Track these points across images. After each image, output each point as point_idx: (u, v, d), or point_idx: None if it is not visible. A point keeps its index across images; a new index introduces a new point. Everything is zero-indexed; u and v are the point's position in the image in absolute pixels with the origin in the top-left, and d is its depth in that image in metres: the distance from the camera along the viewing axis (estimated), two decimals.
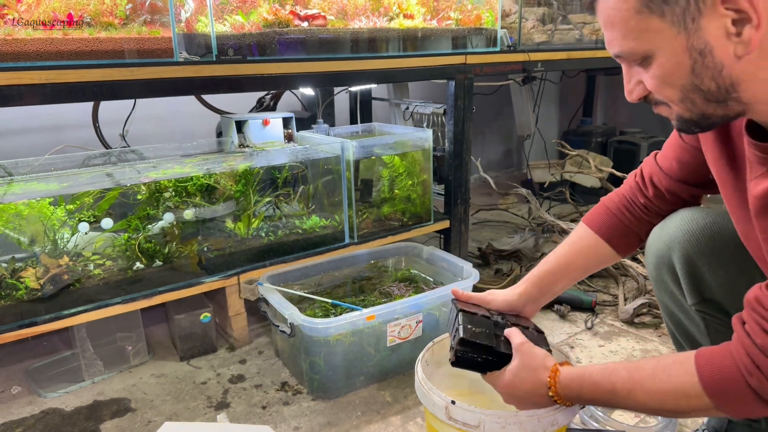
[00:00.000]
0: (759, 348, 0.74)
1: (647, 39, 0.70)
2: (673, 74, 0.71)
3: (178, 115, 2.53)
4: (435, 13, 2.01)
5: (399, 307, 1.56)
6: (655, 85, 0.74)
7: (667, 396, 0.81)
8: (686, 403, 0.79)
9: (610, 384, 0.86)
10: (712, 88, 0.70)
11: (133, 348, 1.71)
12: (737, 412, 0.78)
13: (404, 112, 2.62)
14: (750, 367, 0.74)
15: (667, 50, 0.69)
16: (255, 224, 1.92)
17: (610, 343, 1.79)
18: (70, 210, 1.60)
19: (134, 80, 1.43)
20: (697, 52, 0.68)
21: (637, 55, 0.73)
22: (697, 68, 0.69)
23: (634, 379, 0.84)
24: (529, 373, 0.95)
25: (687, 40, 0.68)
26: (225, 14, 1.63)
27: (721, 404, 0.77)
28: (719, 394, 0.77)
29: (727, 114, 0.74)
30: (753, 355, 0.74)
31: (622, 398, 0.85)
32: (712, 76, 0.69)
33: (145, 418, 1.48)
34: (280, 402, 1.54)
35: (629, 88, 0.78)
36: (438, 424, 1.07)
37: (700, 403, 0.78)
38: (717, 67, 0.68)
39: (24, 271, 1.55)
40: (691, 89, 0.71)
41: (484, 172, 2.74)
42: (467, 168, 2.15)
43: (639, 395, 0.83)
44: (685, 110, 0.74)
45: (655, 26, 0.69)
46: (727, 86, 0.70)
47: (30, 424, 1.46)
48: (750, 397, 0.75)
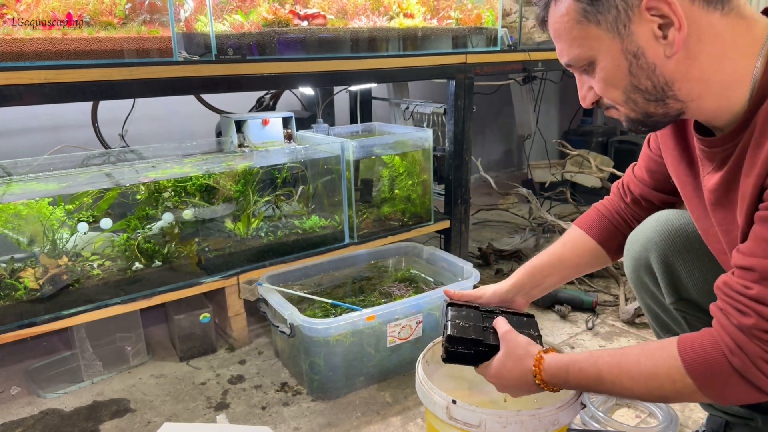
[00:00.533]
0: (738, 328, 0.74)
1: (588, 46, 0.77)
2: (614, 76, 0.78)
3: (178, 115, 2.52)
4: (435, 12, 2.01)
5: (399, 307, 1.55)
6: (601, 88, 0.81)
7: (651, 380, 0.80)
8: (670, 386, 0.79)
9: (596, 370, 0.86)
10: (649, 87, 0.77)
11: (132, 348, 1.71)
12: (719, 393, 0.77)
13: (404, 111, 2.62)
14: (732, 346, 0.74)
15: (606, 54, 0.77)
16: (254, 224, 1.92)
17: (611, 344, 1.78)
18: (69, 210, 1.60)
19: (133, 80, 1.43)
20: (632, 54, 0.75)
21: (583, 61, 0.80)
22: (633, 69, 0.76)
23: (620, 366, 0.84)
24: (514, 362, 0.96)
25: (622, 44, 0.75)
26: (224, 13, 1.63)
27: (703, 386, 0.77)
28: (702, 375, 0.76)
29: (668, 112, 0.80)
30: (733, 335, 0.74)
31: (608, 384, 0.85)
32: (647, 75, 0.76)
33: (145, 418, 1.48)
34: (280, 403, 1.53)
35: (582, 94, 0.85)
36: (439, 423, 1.06)
37: (684, 385, 0.77)
38: (650, 67, 0.75)
39: (23, 272, 1.55)
40: (632, 89, 0.78)
41: (485, 171, 2.73)
42: (467, 168, 2.15)
43: (625, 381, 0.83)
44: (629, 110, 0.81)
45: (593, 34, 0.76)
46: (662, 85, 0.76)
47: (29, 425, 1.45)
48: (733, 378, 0.75)
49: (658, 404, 1.42)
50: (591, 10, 0.75)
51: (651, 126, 0.83)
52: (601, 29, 0.75)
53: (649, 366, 0.81)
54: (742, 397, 0.76)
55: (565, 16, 0.78)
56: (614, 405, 1.47)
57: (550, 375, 0.92)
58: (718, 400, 0.78)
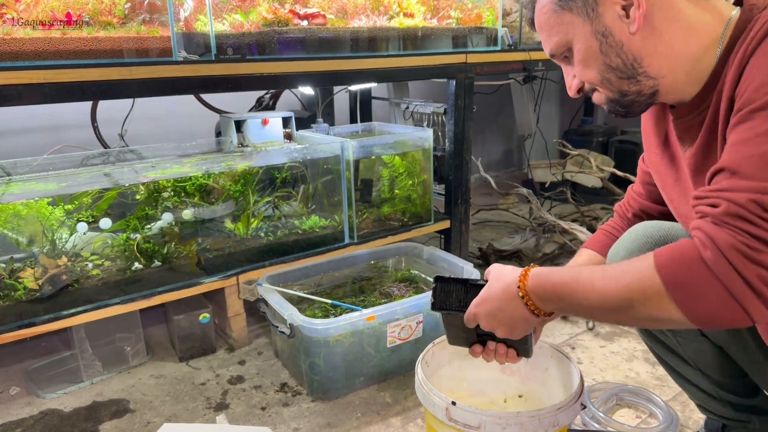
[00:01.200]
0: (709, 220, 0.70)
1: (564, 32, 0.86)
2: (588, 56, 0.85)
3: (177, 115, 2.52)
4: (435, 11, 2.01)
5: (399, 307, 1.55)
6: (579, 71, 0.88)
7: (621, 277, 0.75)
8: (638, 283, 0.72)
9: (576, 273, 0.82)
10: (619, 65, 0.83)
11: (132, 349, 1.71)
12: (687, 299, 0.69)
13: (404, 111, 2.61)
14: (703, 239, 0.69)
15: (580, 37, 0.85)
16: (254, 224, 1.92)
17: (611, 344, 1.78)
18: (68, 210, 1.60)
19: (133, 80, 1.42)
20: (601, 34, 0.83)
21: (562, 48, 0.88)
22: (604, 48, 0.83)
23: (598, 269, 0.80)
24: (499, 282, 0.90)
25: (591, 26, 0.83)
26: (224, 13, 1.63)
27: (671, 286, 0.70)
28: (670, 273, 0.70)
29: (641, 90, 0.85)
30: (704, 227, 0.70)
31: (582, 288, 0.79)
32: (616, 53, 0.83)
33: (144, 419, 1.47)
34: (280, 403, 1.53)
35: (568, 83, 0.92)
36: (438, 425, 1.06)
37: (652, 283, 0.71)
38: (618, 44, 0.82)
39: (22, 272, 1.55)
40: (605, 68, 0.85)
41: (485, 171, 2.73)
42: (468, 168, 2.14)
43: (597, 280, 0.77)
44: (607, 90, 0.87)
45: (567, 20, 0.85)
46: (632, 61, 0.83)
47: (29, 425, 1.45)
48: (703, 276, 0.68)
49: (659, 405, 1.42)
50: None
51: (628, 106, 0.87)
52: (574, 14, 0.84)
53: (624, 265, 0.77)
54: (712, 305, 0.68)
55: (544, 8, 0.87)
56: (614, 405, 1.47)
57: (533, 282, 0.86)
58: (686, 308, 0.70)
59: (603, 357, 1.71)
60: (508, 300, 0.88)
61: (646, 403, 1.45)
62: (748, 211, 0.66)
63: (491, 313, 0.91)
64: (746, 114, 0.70)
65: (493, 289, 0.91)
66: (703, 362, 1.09)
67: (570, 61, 0.89)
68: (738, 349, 1.01)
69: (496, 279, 0.91)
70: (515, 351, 1.02)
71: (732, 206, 0.68)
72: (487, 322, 0.92)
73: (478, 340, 1.04)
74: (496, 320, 0.91)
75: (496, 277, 0.92)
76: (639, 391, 1.48)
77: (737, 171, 0.69)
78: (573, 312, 0.84)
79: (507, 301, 0.88)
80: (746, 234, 0.66)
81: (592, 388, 1.52)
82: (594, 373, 1.63)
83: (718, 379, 1.10)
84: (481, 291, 0.93)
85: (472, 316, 0.94)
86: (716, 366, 1.08)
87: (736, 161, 0.70)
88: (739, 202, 0.67)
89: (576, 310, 0.82)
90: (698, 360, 1.10)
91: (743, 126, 0.70)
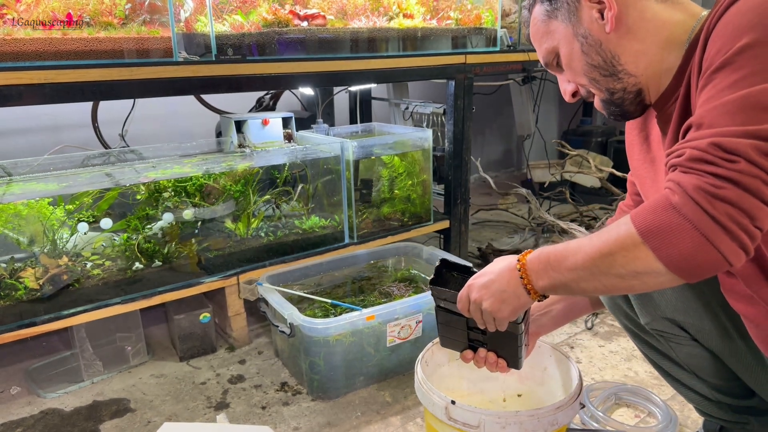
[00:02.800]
0: (680, 168, 0.72)
1: (552, 38, 0.93)
2: (572, 59, 0.91)
3: (178, 115, 2.53)
4: (435, 12, 2.01)
5: (399, 307, 1.55)
6: (569, 74, 0.94)
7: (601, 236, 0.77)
8: (615, 237, 0.74)
9: (566, 243, 0.84)
10: (599, 62, 0.89)
11: (132, 348, 1.71)
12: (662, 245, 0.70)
13: (404, 111, 2.62)
14: (672, 186, 0.71)
15: (564, 41, 0.91)
16: (254, 224, 1.92)
17: (610, 344, 1.78)
18: (69, 210, 1.60)
19: (133, 80, 1.43)
20: (581, 35, 0.89)
21: (552, 54, 0.94)
22: (585, 48, 0.89)
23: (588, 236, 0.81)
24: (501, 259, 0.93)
25: (573, 29, 0.90)
26: (224, 14, 1.63)
27: (646, 233, 0.71)
28: (644, 222, 0.72)
29: (626, 87, 0.89)
30: (672, 177, 0.72)
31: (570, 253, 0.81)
32: (596, 51, 0.88)
33: (145, 418, 1.48)
34: (280, 402, 1.54)
35: (563, 89, 0.97)
36: (438, 424, 1.07)
37: (628, 234, 0.73)
38: (597, 43, 0.88)
39: (23, 272, 1.55)
40: (589, 68, 0.90)
41: (484, 171, 2.73)
42: (467, 168, 2.15)
43: (583, 245, 0.79)
44: (598, 91, 0.92)
45: (554, 27, 0.92)
46: (610, 59, 0.88)
47: (29, 425, 1.46)
48: (675, 221, 0.69)
49: (657, 404, 1.42)
50: (550, 8, 0.91)
51: (620, 105, 0.91)
52: (559, 21, 0.91)
53: (606, 228, 0.79)
54: (685, 248, 0.69)
55: (536, 19, 0.95)
56: (613, 405, 1.47)
57: (531, 257, 0.87)
58: (662, 254, 0.71)
59: (602, 356, 1.72)
60: (505, 271, 0.90)
61: (645, 402, 1.46)
62: (708, 153, 0.69)
63: (485, 284, 0.92)
64: (709, 75, 0.73)
65: (491, 265, 0.94)
66: (697, 366, 1.10)
67: (560, 66, 0.95)
68: (729, 353, 1.02)
69: (499, 260, 0.94)
70: (505, 362, 1.04)
71: (694, 152, 0.70)
72: (478, 294, 0.93)
73: (469, 346, 1.05)
74: (488, 291, 0.92)
75: (498, 259, 0.94)
76: (638, 391, 1.48)
77: (701, 123, 0.72)
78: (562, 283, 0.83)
79: (503, 273, 0.90)
80: (709, 175, 0.68)
81: (591, 387, 1.53)
82: (593, 372, 1.63)
83: (713, 382, 1.10)
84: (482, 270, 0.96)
85: (466, 288, 0.95)
86: (711, 369, 1.08)
87: (700, 115, 0.72)
88: (701, 147, 0.70)
89: (565, 278, 0.82)
90: (692, 364, 1.10)
91: (708, 87, 0.73)
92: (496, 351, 1.04)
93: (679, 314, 1.03)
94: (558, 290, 0.86)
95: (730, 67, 0.70)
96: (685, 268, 0.71)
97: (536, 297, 0.88)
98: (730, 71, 0.70)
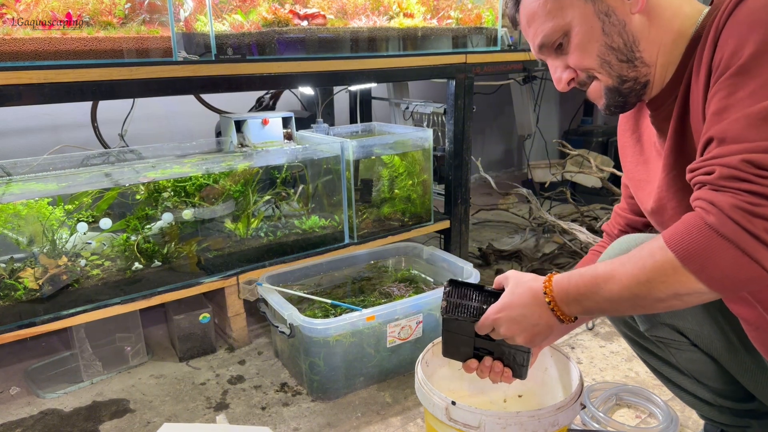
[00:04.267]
0: (707, 187, 0.71)
1: (563, 15, 0.84)
2: (589, 39, 0.84)
3: (177, 115, 2.52)
4: (435, 12, 2.01)
5: (399, 307, 1.55)
6: (576, 57, 0.86)
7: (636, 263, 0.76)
8: (651, 262, 0.74)
9: (593, 270, 0.82)
10: (620, 45, 0.83)
11: (132, 348, 1.71)
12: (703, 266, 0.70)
13: (404, 111, 2.61)
14: (705, 206, 0.70)
15: (581, 19, 0.83)
16: (254, 224, 1.92)
17: (611, 344, 1.78)
18: (68, 210, 1.60)
19: (133, 80, 1.43)
20: (603, 13, 0.83)
21: (557, 33, 0.85)
22: (606, 27, 0.83)
23: (613, 260, 0.80)
24: (523, 288, 0.90)
25: (594, 6, 0.83)
26: (224, 13, 1.63)
27: (684, 256, 0.70)
28: (681, 244, 0.71)
29: (638, 77, 0.85)
30: (704, 195, 0.71)
31: (602, 281, 0.80)
32: (618, 32, 0.83)
33: (144, 419, 1.48)
34: (280, 403, 1.53)
35: (557, 77, 0.90)
36: (438, 425, 1.06)
37: (665, 259, 0.72)
38: (621, 23, 0.83)
39: (22, 272, 1.55)
40: (606, 50, 0.84)
41: (485, 171, 2.73)
42: (467, 168, 2.14)
43: (616, 272, 0.78)
44: (606, 76, 0.86)
45: (567, 2, 0.84)
46: (631, 43, 0.83)
47: (29, 425, 1.45)
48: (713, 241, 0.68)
49: (658, 404, 1.42)
50: None
51: (626, 95, 0.87)
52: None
53: (636, 252, 0.77)
54: (727, 266, 0.69)
55: None
56: (614, 405, 1.47)
57: (557, 288, 0.86)
58: (704, 276, 0.70)
59: (603, 357, 1.71)
60: (535, 306, 0.88)
61: (646, 402, 1.45)
62: (741, 171, 0.68)
63: (514, 319, 0.90)
64: (724, 81, 0.72)
65: (516, 296, 0.90)
66: (698, 371, 1.09)
67: (562, 51, 0.88)
68: (729, 358, 1.01)
69: (518, 286, 0.91)
70: (510, 371, 1.01)
71: (726, 170, 0.69)
72: (509, 329, 0.91)
73: (474, 355, 1.03)
74: (519, 326, 0.90)
75: (517, 284, 0.92)
76: (638, 391, 1.48)
77: (725, 137, 0.70)
78: (597, 309, 0.83)
79: (533, 307, 0.88)
80: (745, 192, 0.67)
81: (592, 387, 1.52)
82: (593, 372, 1.63)
83: (714, 387, 1.10)
84: (502, 297, 0.92)
85: (490, 322, 0.93)
86: (711, 373, 1.08)
87: (722, 128, 0.71)
88: (732, 164, 0.69)
89: (600, 305, 0.81)
90: (693, 369, 1.09)
91: (723, 93, 0.72)
92: (502, 359, 1.01)
93: (679, 320, 1.02)
94: (592, 315, 0.87)
95: (748, 74, 0.69)
96: (728, 286, 0.71)
97: (570, 321, 0.88)
98: (747, 78, 0.69)
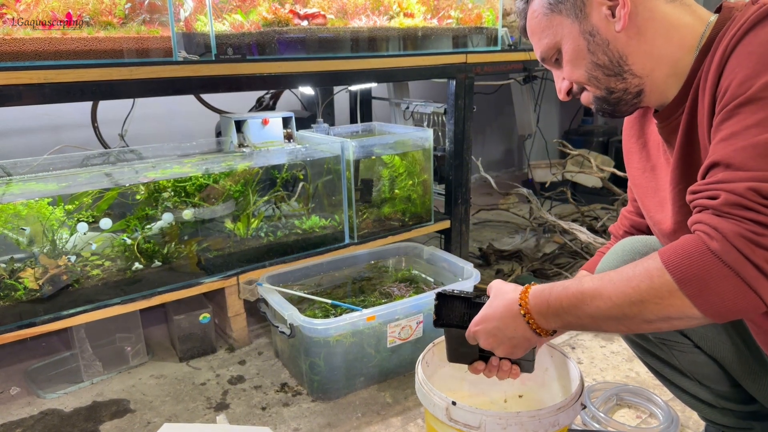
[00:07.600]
0: (711, 212, 0.70)
1: (554, 33, 0.89)
2: (576, 55, 0.88)
3: (177, 115, 2.52)
4: (435, 11, 2.01)
5: (399, 307, 1.55)
6: (568, 71, 0.90)
7: (629, 281, 0.74)
8: (648, 284, 0.72)
9: (578, 284, 0.80)
10: (606, 62, 0.86)
11: (132, 349, 1.71)
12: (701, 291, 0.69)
13: (404, 111, 2.61)
14: (708, 231, 0.69)
15: (569, 37, 0.88)
16: (254, 224, 1.91)
17: (611, 344, 1.78)
18: (68, 210, 1.60)
19: (133, 80, 1.42)
20: (588, 33, 0.86)
21: (552, 50, 0.91)
22: (591, 46, 0.86)
23: (603, 276, 0.78)
24: (500, 300, 0.90)
25: (580, 26, 0.86)
26: (224, 13, 1.63)
27: (682, 281, 0.69)
28: (680, 268, 0.69)
29: (628, 88, 0.87)
30: (707, 220, 0.70)
31: (588, 297, 0.78)
32: (603, 51, 0.86)
33: (145, 419, 1.47)
34: (280, 403, 1.53)
35: (558, 87, 0.95)
36: (438, 425, 1.06)
37: (662, 282, 0.70)
38: (604, 42, 0.85)
39: (23, 272, 1.55)
40: (593, 67, 0.87)
41: (485, 171, 2.73)
42: (468, 168, 2.14)
43: (606, 288, 0.76)
44: (594, 88, 0.89)
45: (557, 21, 0.88)
46: (617, 59, 0.85)
47: (29, 425, 1.45)
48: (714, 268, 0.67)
49: (659, 405, 1.42)
50: (554, 1, 0.87)
51: (614, 104, 0.89)
52: (563, 16, 0.87)
53: (628, 270, 0.75)
54: (725, 294, 0.68)
55: (536, 12, 0.90)
56: (615, 405, 1.47)
57: (534, 298, 0.85)
58: (700, 301, 0.69)
59: (603, 357, 1.71)
60: (509, 319, 0.88)
61: (647, 403, 1.45)
62: (747, 199, 0.67)
63: (491, 332, 0.91)
64: (732, 109, 0.71)
65: (493, 308, 0.91)
66: (701, 373, 1.09)
67: (560, 64, 0.92)
68: (733, 360, 1.01)
69: (496, 297, 0.92)
70: (519, 367, 1.02)
71: (731, 196, 0.68)
72: (487, 341, 0.92)
73: (480, 357, 1.02)
74: (496, 339, 0.91)
75: (495, 296, 0.92)
76: (639, 391, 1.48)
77: (731, 163, 0.70)
78: (578, 325, 0.82)
79: (508, 320, 0.89)
80: (750, 221, 0.67)
81: (592, 388, 1.52)
82: (594, 373, 1.63)
83: (717, 389, 1.09)
84: (482, 309, 0.93)
85: (471, 334, 0.95)
86: (714, 376, 1.08)
87: (728, 154, 0.70)
88: (738, 192, 0.68)
89: (582, 321, 0.80)
90: (695, 371, 1.09)
91: (731, 121, 0.71)
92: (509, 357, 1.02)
93: None
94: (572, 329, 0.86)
95: (757, 104, 0.69)
96: (722, 313, 0.70)
97: (547, 335, 0.88)
98: (756, 108, 0.69)
